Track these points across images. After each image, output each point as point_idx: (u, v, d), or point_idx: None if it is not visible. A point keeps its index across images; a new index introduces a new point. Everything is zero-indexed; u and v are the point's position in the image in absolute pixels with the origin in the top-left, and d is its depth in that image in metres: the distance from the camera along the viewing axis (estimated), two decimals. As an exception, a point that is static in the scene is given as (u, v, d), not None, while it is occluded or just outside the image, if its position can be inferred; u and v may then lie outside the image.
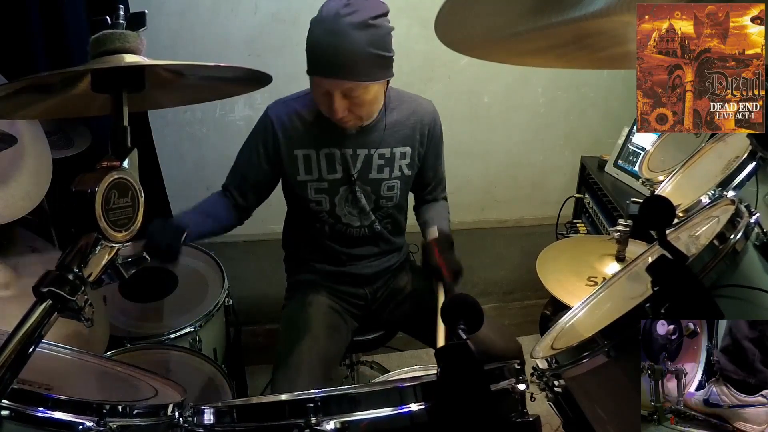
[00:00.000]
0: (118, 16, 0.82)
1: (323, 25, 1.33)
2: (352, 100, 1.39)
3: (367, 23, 1.31)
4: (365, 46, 1.32)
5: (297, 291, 1.74)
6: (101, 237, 0.76)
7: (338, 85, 1.35)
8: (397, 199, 1.65)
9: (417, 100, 1.62)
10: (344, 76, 1.33)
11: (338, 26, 1.30)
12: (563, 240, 2.09)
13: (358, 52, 1.31)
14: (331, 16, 1.31)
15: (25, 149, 1.42)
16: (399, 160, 1.60)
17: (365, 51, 1.32)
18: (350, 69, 1.33)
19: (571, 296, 1.51)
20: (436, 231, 1.61)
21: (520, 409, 1.02)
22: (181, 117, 2.25)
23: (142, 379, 1.16)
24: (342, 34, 1.30)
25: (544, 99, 2.55)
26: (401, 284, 1.78)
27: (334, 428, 0.91)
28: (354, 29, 1.30)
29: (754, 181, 1.31)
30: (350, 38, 1.30)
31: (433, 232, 1.62)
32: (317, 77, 1.38)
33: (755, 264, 0.91)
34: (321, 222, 1.64)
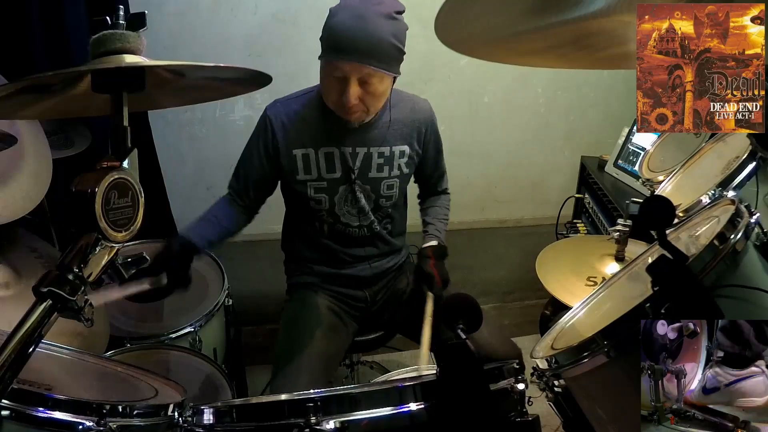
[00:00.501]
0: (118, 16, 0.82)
1: (350, 10, 1.34)
2: (365, 89, 1.39)
3: (392, 15, 1.35)
4: (389, 35, 1.35)
5: (297, 293, 1.74)
6: (101, 237, 0.76)
7: (358, 69, 1.36)
8: (395, 198, 1.65)
9: (414, 99, 1.63)
10: (367, 60, 1.34)
11: (366, 12, 1.32)
12: (563, 240, 2.09)
13: (383, 38, 1.34)
14: (357, 3, 1.34)
15: (25, 149, 1.42)
16: (398, 159, 1.60)
17: (389, 40, 1.35)
18: (374, 54, 1.34)
19: (571, 296, 1.51)
20: (435, 241, 1.69)
21: (520, 408, 1.02)
22: (181, 117, 2.25)
23: (142, 379, 1.16)
24: (369, 19, 1.32)
25: (544, 99, 2.55)
26: (401, 286, 1.78)
27: (333, 428, 0.91)
28: (380, 17, 1.33)
29: (754, 181, 1.31)
30: (377, 24, 1.32)
31: (432, 241, 1.69)
32: (336, 61, 1.37)
33: (755, 264, 0.91)
34: (320, 221, 1.64)
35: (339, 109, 1.45)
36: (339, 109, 1.45)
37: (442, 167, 1.79)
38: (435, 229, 1.74)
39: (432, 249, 1.65)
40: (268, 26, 2.16)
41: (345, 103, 1.40)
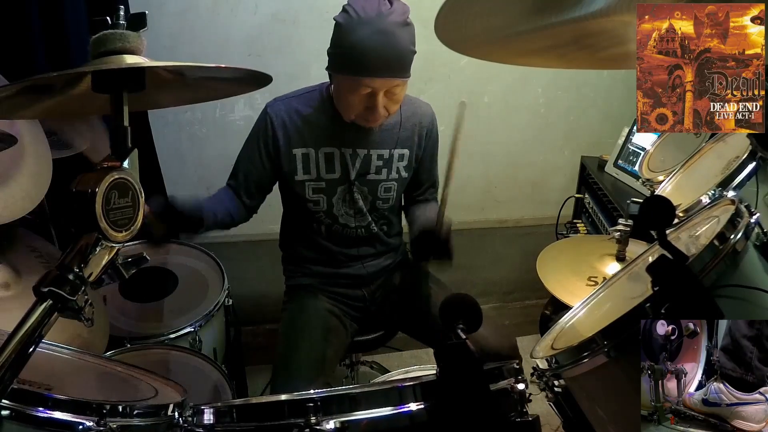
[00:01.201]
0: (118, 16, 0.82)
1: (370, 26, 1.31)
2: (390, 97, 1.41)
3: (406, 21, 1.36)
4: (408, 44, 1.36)
5: (295, 295, 1.74)
6: (101, 237, 0.76)
7: (388, 83, 1.37)
8: (393, 201, 1.65)
9: (416, 102, 1.62)
10: (396, 74, 1.36)
11: (386, 25, 1.31)
12: (563, 240, 2.09)
13: (404, 49, 1.35)
14: (374, 16, 1.32)
15: (25, 149, 1.42)
16: (397, 162, 1.60)
17: (408, 48, 1.36)
18: (401, 66, 1.36)
19: (571, 296, 1.51)
20: None
21: (520, 408, 1.02)
22: (181, 117, 2.25)
23: (142, 379, 1.16)
24: (391, 34, 1.32)
25: (544, 99, 2.55)
26: (399, 284, 1.78)
27: (333, 428, 0.91)
28: (399, 27, 1.33)
29: (754, 181, 1.31)
30: (398, 36, 1.33)
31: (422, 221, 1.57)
32: (365, 78, 1.36)
33: (755, 264, 0.91)
34: (318, 222, 1.64)
35: (362, 120, 1.46)
36: (363, 120, 1.45)
37: (434, 176, 1.76)
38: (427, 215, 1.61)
39: None
40: (268, 26, 2.16)
41: (374, 116, 1.41)
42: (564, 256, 1.74)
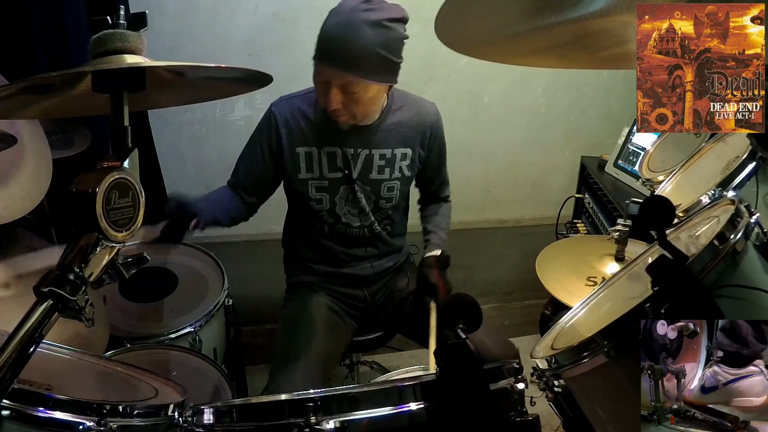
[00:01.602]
0: (118, 16, 0.82)
1: (338, 16, 1.34)
2: (349, 96, 1.39)
3: (381, 23, 1.32)
4: (375, 45, 1.32)
5: (296, 292, 1.74)
6: (102, 237, 0.76)
7: (338, 76, 1.36)
8: (396, 200, 1.65)
9: (420, 102, 1.63)
10: (346, 68, 1.34)
11: (352, 19, 1.31)
12: (563, 240, 2.09)
13: (365, 48, 1.31)
14: (347, 9, 1.33)
15: (25, 149, 1.42)
16: (399, 161, 1.60)
17: (373, 50, 1.32)
18: (353, 63, 1.33)
19: (571, 296, 1.51)
20: (438, 250, 1.65)
21: (520, 408, 1.02)
22: (181, 117, 2.25)
23: (142, 379, 1.16)
24: (354, 28, 1.30)
25: (544, 99, 2.55)
26: (401, 286, 1.78)
27: (333, 428, 0.91)
28: (367, 26, 1.31)
29: (754, 181, 1.31)
30: (361, 33, 1.30)
31: (435, 250, 1.66)
32: (321, 65, 1.38)
33: (755, 264, 0.91)
34: (321, 221, 1.64)
35: (327, 110, 1.45)
36: (326, 110, 1.45)
37: (444, 174, 1.78)
38: (438, 237, 1.72)
39: (435, 258, 1.62)
40: (268, 26, 2.16)
41: (330, 108, 1.41)
42: (564, 256, 1.74)
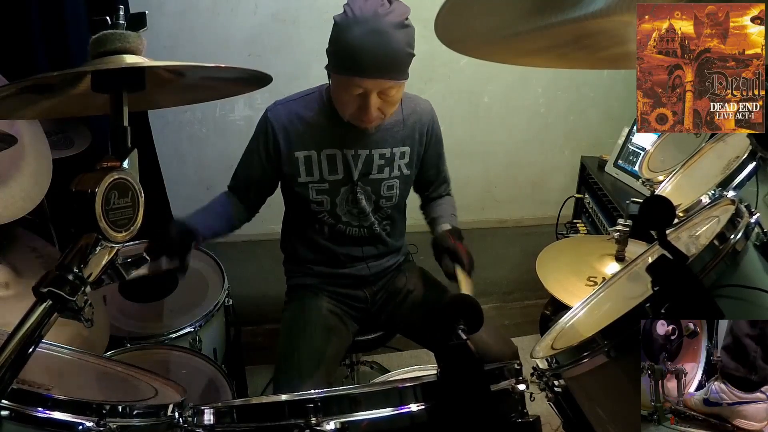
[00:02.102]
0: (118, 16, 0.82)
1: (365, 26, 1.30)
2: (384, 99, 1.40)
3: (403, 23, 1.34)
4: (404, 45, 1.34)
5: (296, 295, 1.74)
6: (101, 237, 0.76)
7: (380, 84, 1.36)
8: (396, 199, 1.65)
9: (415, 100, 1.63)
10: (389, 75, 1.34)
11: (381, 26, 1.30)
12: (563, 240, 2.09)
13: (400, 51, 1.33)
14: (370, 16, 1.31)
15: (25, 149, 1.42)
16: (398, 160, 1.60)
17: (404, 50, 1.34)
18: (395, 68, 1.35)
19: (571, 296, 1.51)
20: (449, 224, 1.60)
21: (520, 409, 1.02)
22: (181, 117, 2.25)
23: (142, 379, 1.16)
24: (386, 34, 1.30)
25: (544, 99, 2.55)
26: (400, 285, 1.78)
27: (334, 428, 0.91)
28: (395, 28, 1.31)
29: (754, 181, 1.31)
30: (394, 37, 1.31)
31: (445, 225, 1.61)
32: (356, 78, 1.35)
33: (755, 264, 0.91)
34: (320, 222, 1.64)
35: (356, 120, 1.45)
36: (356, 119, 1.44)
37: (444, 172, 1.77)
38: (445, 219, 1.66)
39: (447, 230, 1.54)
40: (268, 26, 2.16)
41: (366, 116, 1.40)
42: (564, 256, 1.74)
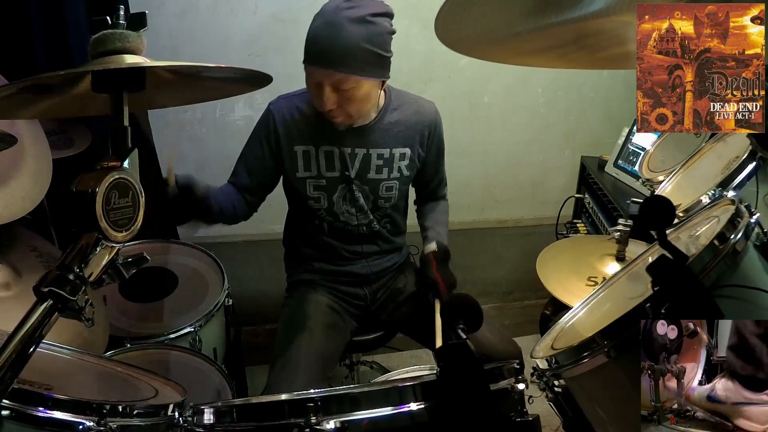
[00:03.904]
0: (118, 16, 0.82)
1: (322, 17, 1.36)
2: (342, 95, 1.40)
3: (364, 19, 1.34)
4: (360, 40, 1.33)
5: (297, 290, 1.74)
6: (102, 237, 0.76)
7: (329, 75, 1.37)
8: (395, 200, 1.65)
9: (419, 102, 1.63)
10: (335, 66, 1.35)
11: (335, 18, 1.33)
12: (563, 240, 2.09)
13: (351, 45, 1.33)
14: (330, 10, 1.35)
15: (25, 149, 1.42)
16: (398, 161, 1.60)
17: (359, 45, 1.34)
18: (342, 61, 1.34)
19: (571, 296, 1.51)
20: (435, 245, 1.64)
21: (520, 408, 1.02)
22: (181, 117, 2.25)
23: (142, 379, 1.16)
24: (337, 26, 1.32)
25: (544, 99, 2.55)
26: (401, 285, 1.78)
27: (334, 428, 0.91)
28: (350, 23, 1.33)
29: (754, 181, 1.31)
30: (345, 31, 1.32)
31: (431, 245, 1.65)
32: (310, 67, 1.39)
33: (755, 264, 0.91)
34: (320, 219, 1.64)
35: (322, 112, 1.46)
36: (322, 112, 1.45)
37: (442, 173, 1.78)
38: (435, 232, 1.71)
39: (433, 254, 1.62)
40: (268, 26, 2.16)
41: (322, 107, 1.42)
42: (564, 256, 1.74)
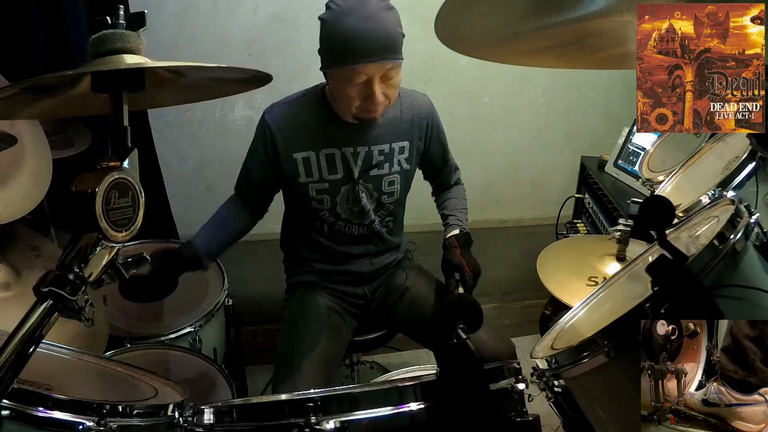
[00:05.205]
0: (118, 16, 0.82)
1: (356, 14, 1.34)
2: (387, 83, 1.41)
3: (389, 5, 1.38)
4: (396, 25, 1.37)
5: (296, 292, 1.74)
6: (102, 237, 0.76)
7: (380, 67, 1.37)
8: (398, 195, 1.65)
9: (412, 95, 1.63)
10: (387, 56, 1.36)
11: (369, 11, 1.34)
12: (563, 240, 2.09)
13: (392, 31, 1.36)
14: (356, 5, 1.35)
15: (25, 149, 1.42)
16: (398, 155, 1.60)
17: (396, 30, 1.38)
18: (392, 48, 1.36)
19: (571, 296, 1.51)
20: (457, 229, 1.65)
21: (520, 408, 1.02)
22: (181, 117, 2.25)
23: (142, 379, 1.16)
24: (375, 17, 1.33)
25: (544, 99, 2.55)
26: (400, 282, 1.78)
27: (333, 428, 0.91)
28: (382, 11, 1.35)
29: (754, 181, 1.31)
30: (384, 19, 1.34)
31: (453, 229, 1.65)
32: (358, 66, 1.36)
33: (755, 264, 0.91)
34: (320, 221, 1.64)
35: (363, 112, 1.45)
36: (363, 111, 1.45)
37: (451, 161, 1.79)
38: (456, 219, 1.71)
39: (455, 237, 1.60)
40: (268, 26, 2.16)
41: (373, 104, 1.41)
42: (564, 256, 1.74)
